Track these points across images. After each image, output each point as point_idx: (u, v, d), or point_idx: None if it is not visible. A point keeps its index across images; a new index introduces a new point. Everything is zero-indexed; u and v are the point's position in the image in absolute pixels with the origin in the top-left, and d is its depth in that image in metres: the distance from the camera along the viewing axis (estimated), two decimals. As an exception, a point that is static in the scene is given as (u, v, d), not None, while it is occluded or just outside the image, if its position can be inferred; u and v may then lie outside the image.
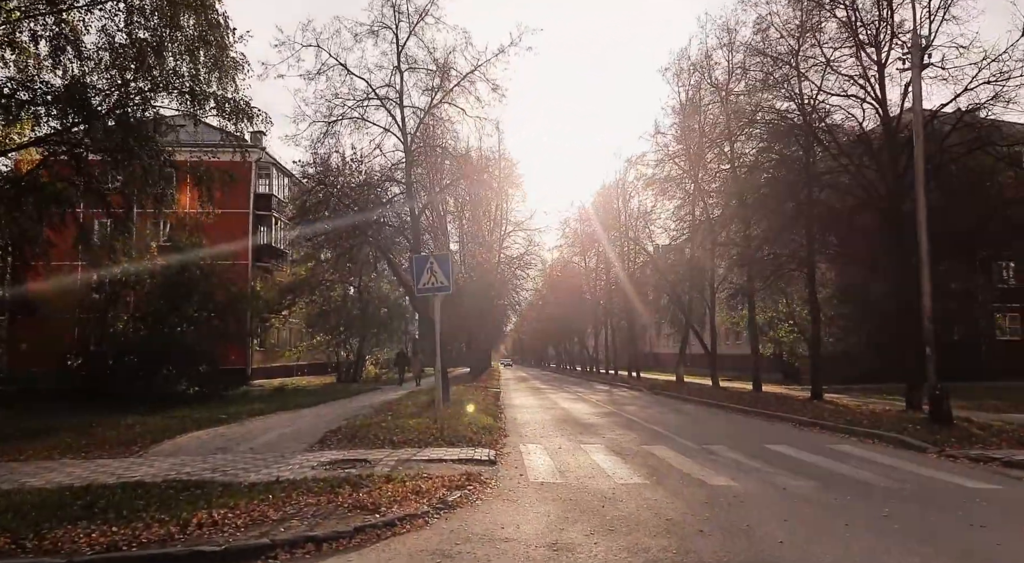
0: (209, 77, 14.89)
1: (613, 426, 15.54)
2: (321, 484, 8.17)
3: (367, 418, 15.77)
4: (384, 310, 41.62)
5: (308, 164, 21.92)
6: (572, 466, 9.86)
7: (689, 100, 28.97)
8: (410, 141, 21.16)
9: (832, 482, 8.51)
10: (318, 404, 21.41)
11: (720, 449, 11.55)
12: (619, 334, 53.36)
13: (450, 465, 9.60)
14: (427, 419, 14.79)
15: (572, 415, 18.61)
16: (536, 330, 79.77)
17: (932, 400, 12.76)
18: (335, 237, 22.48)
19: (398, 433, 12.65)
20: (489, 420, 15.47)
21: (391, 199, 21.48)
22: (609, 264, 46.13)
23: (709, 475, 9.02)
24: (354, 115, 21.03)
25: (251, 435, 13.56)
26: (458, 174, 22.32)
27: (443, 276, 12.49)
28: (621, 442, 12.59)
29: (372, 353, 43.53)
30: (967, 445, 10.95)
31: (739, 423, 16.13)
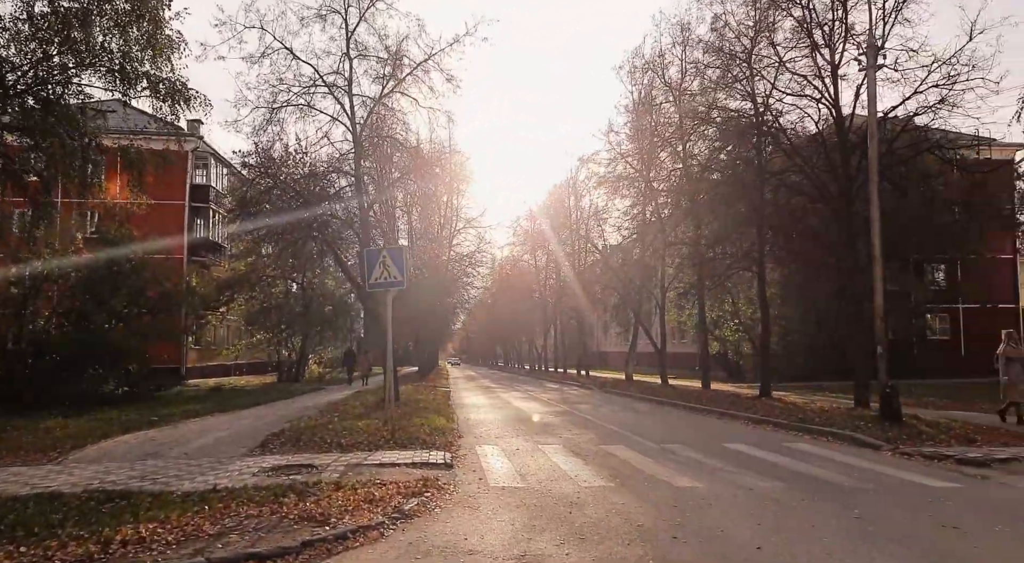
0: (142, 55, 13.90)
1: (568, 425, 15.19)
2: (263, 493, 7.51)
3: (312, 419, 15.03)
4: (329, 307, 40.40)
5: (249, 154, 20.93)
6: (532, 469, 9.42)
7: (642, 99, 28.95)
8: (359, 131, 20.44)
9: (797, 482, 8.30)
10: (258, 405, 20.46)
11: (679, 448, 11.30)
12: (568, 333, 53.35)
13: (404, 469, 9.04)
14: (377, 420, 14.17)
15: (526, 414, 18.20)
16: (485, 329, 79.34)
17: (883, 398, 12.85)
18: (278, 231, 21.55)
19: (346, 435, 12.01)
20: (442, 421, 14.92)
21: (339, 191, 20.68)
22: (559, 263, 45.98)
23: (673, 476, 8.72)
24: (300, 102, 20.26)
25: (185, 439, 12.68)
26: (409, 167, 21.66)
27: (396, 270, 11.89)
28: (579, 442, 12.23)
29: (316, 352, 42.29)
30: (919, 442, 10.98)
31: (693, 421, 16.00)
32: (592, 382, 34.88)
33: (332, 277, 41.65)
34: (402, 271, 11.93)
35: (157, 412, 17.40)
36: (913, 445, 10.78)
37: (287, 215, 20.45)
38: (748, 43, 18.96)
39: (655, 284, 31.17)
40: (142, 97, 14.05)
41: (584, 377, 40.69)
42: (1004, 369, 12.82)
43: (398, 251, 12.20)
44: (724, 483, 8.26)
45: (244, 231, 27.51)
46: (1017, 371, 12.66)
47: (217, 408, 18.90)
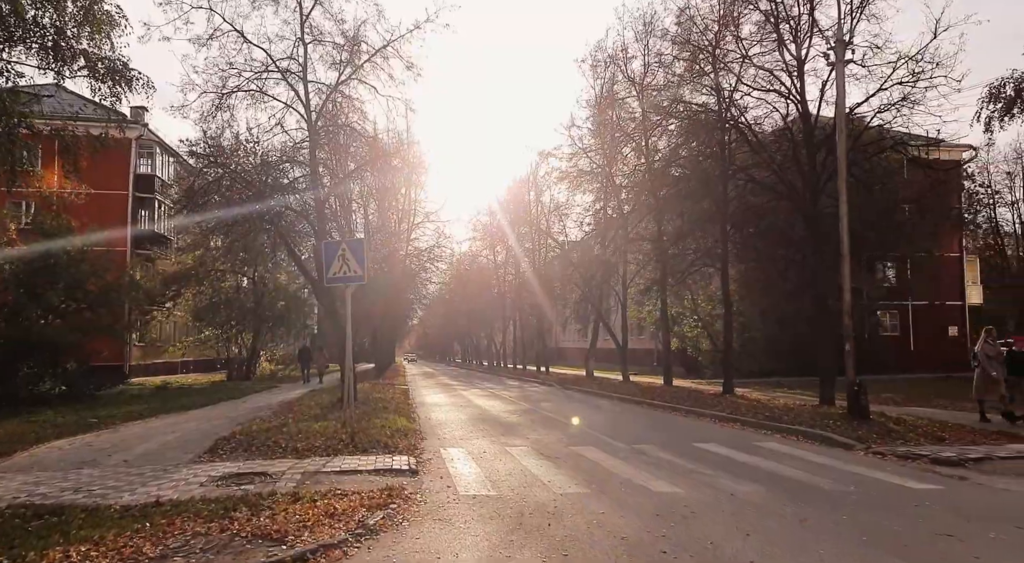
0: (78, 31, 12.87)
1: (534, 425, 14.76)
2: (212, 506, 6.87)
3: (265, 421, 14.27)
4: (281, 303, 39.17)
5: (197, 143, 19.86)
6: (502, 474, 8.94)
7: (604, 93, 28.64)
8: (315, 120, 19.59)
9: (776, 485, 8.01)
10: (207, 405, 19.49)
11: (650, 449, 10.97)
12: (527, 329, 52.97)
13: (367, 477, 8.46)
14: (334, 422, 13.51)
15: (489, 413, 17.71)
16: (442, 325, 78.45)
17: (851, 396, 12.75)
18: (228, 223, 20.58)
19: (302, 439, 11.34)
20: (403, 421, 14.32)
21: (292, 182, 19.80)
22: (518, 259, 45.60)
23: (649, 480, 8.34)
24: (251, 88, 19.28)
25: (126, 444, 11.83)
26: (367, 158, 20.87)
27: (356, 264, 11.25)
28: (547, 443, 11.80)
29: (268, 349, 41.01)
30: (890, 441, 10.87)
31: (660, 419, 15.74)
32: (552, 379, 34.59)
33: (285, 271, 40.44)
34: (362, 265, 11.30)
35: (96, 413, 16.38)
36: (884, 444, 10.66)
37: (238, 206, 19.52)
38: (713, 38, 18.77)
39: (617, 280, 30.95)
40: (79, 77, 12.98)
41: (544, 374, 40.41)
42: (986, 366, 12.80)
43: (358, 244, 11.56)
44: (703, 487, 7.92)
45: (192, 223, 26.40)
46: (995, 368, 12.65)
47: (162, 409, 17.93)
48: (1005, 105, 14.79)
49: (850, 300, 13.01)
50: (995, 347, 12.83)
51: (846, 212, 12.91)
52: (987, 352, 12.78)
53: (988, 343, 12.87)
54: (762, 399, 18.65)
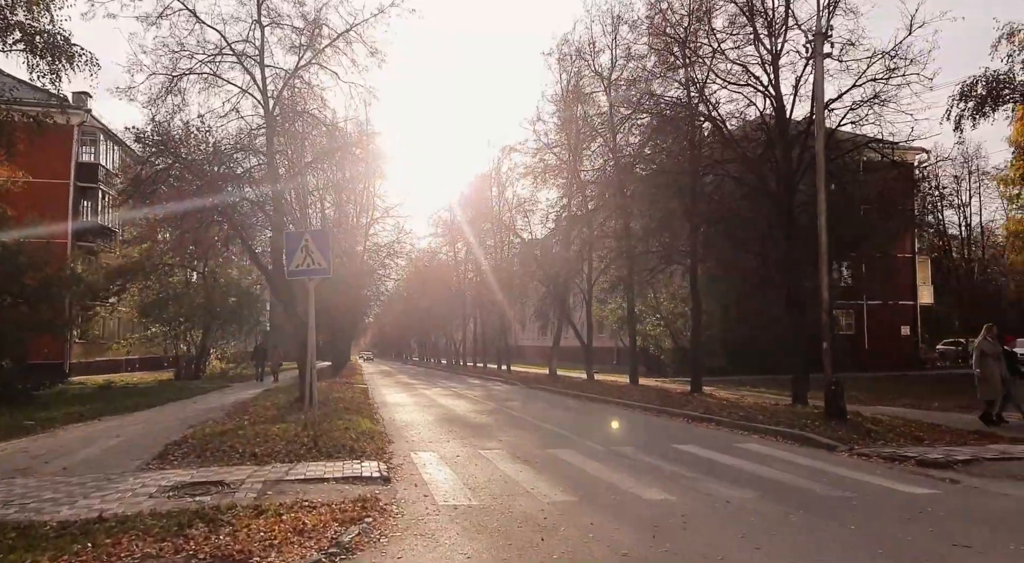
0: (14, 3, 11.86)
1: (504, 426, 14.23)
2: (164, 522, 6.16)
3: (219, 424, 13.41)
4: (233, 298, 37.79)
5: (144, 129, 18.69)
6: (481, 481, 8.37)
7: (571, 88, 28.24)
8: (272, 106, 18.66)
9: (769, 490, 7.64)
10: (155, 406, 18.44)
11: (629, 451, 10.56)
12: (488, 327, 52.38)
13: (336, 486, 7.80)
14: (294, 424, 12.74)
15: (455, 414, 17.11)
16: (400, 322, 77.22)
17: (828, 395, 12.54)
18: (177, 214, 19.47)
19: (261, 444, 10.58)
20: (367, 423, 13.63)
21: (248, 171, 18.83)
22: (478, 256, 45.01)
23: (638, 486, 7.89)
24: (204, 71, 18.25)
25: (65, 449, 10.89)
26: (328, 147, 20.00)
27: (321, 256, 10.54)
28: (522, 446, 11.28)
29: (218, 346, 39.54)
30: (871, 442, 10.65)
31: (632, 420, 15.37)
32: (515, 378, 34.11)
33: (237, 266, 39.06)
34: (327, 257, 10.60)
35: (33, 415, 15.23)
36: (866, 445, 10.44)
37: (188, 197, 18.48)
38: (684, 31, 18.48)
39: (582, 278, 30.61)
40: (15, 51, 12.00)
41: (506, 372, 39.94)
42: (978, 363, 12.36)
43: (323, 235, 10.83)
44: (695, 494, 7.49)
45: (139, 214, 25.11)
46: (991, 367, 12.18)
47: (106, 410, 16.83)
48: (976, 104, 14.83)
49: (828, 298, 12.82)
50: (994, 345, 12.35)
51: (825, 209, 12.72)
52: (984, 349, 12.33)
53: (988, 340, 12.42)
54: (731, 398, 18.48)
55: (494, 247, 44.51)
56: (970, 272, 51.53)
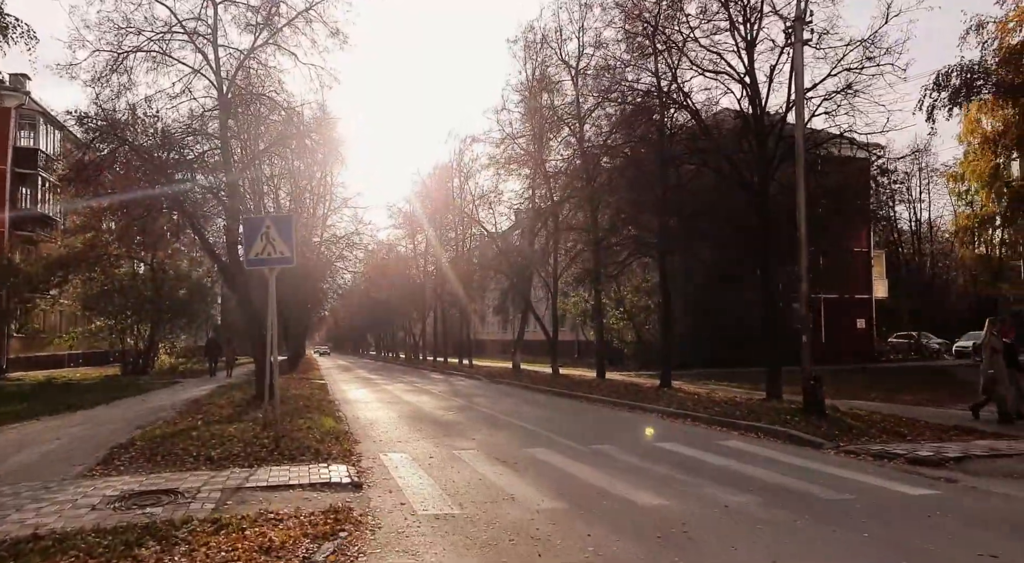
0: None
1: (476, 424, 13.65)
2: (110, 540, 5.45)
3: (170, 424, 12.53)
4: (183, 291, 36.32)
5: (87, 113, 17.47)
6: (460, 485, 7.80)
7: (537, 76, 27.69)
8: (226, 89, 17.66)
9: (767, 494, 7.25)
10: (99, 404, 17.33)
11: (611, 450, 10.11)
12: (449, 321, 51.63)
13: (303, 494, 7.13)
14: (252, 423, 11.99)
15: (422, 410, 16.47)
16: (356, 316, 75.79)
17: (806, 390, 12.30)
18: (124, 202, 18.33)
19: (217, 446, 9.80)
20: (330, 421, 12.93)
21: (201, 156, 17.81)
22: (438, 249, 44.25)
23: (629, 491, 7.41)
24: (153, 49, 17.16)
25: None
26: (286, 133, 19.01)
27: (283, 244, 9.79)
28: (497, 445, 10.73)
29: (167, 340, 37.97)
30: (856, 439, 10.39)
31: (606, 416, 14.97)
32: (479, 372, 33.52)
33: (187, 257, 37.56)
34: (291, 245, 9.86)
35: (-37, 417, 14.09)
36: (852, 442, 10.19)
37: (135, 184, 17.40)
38: (656, 18, 18.09)
39: (547, 271, 30.15)
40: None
41: (468, 367, 39.30)
42: (988, 362, 11.79)
43: (286, 221, 10.06)
44: (691, 499, 7.06)
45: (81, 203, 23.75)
46: (1000, 364, 11.60)
47: (45, 409, 15.72)
48: (951, 94, 14.76)
49: (808, 291, 12.58)
50: (999, 340, 11.75)
51: (804, 199, 12.48)
52: (993, 346, 11.72)
53: (993, 335, 11.82)
54: (701, 393, 18.25)
55: (455, 240, 43.78)
56: (921, 266, 52.86)
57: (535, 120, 28.12)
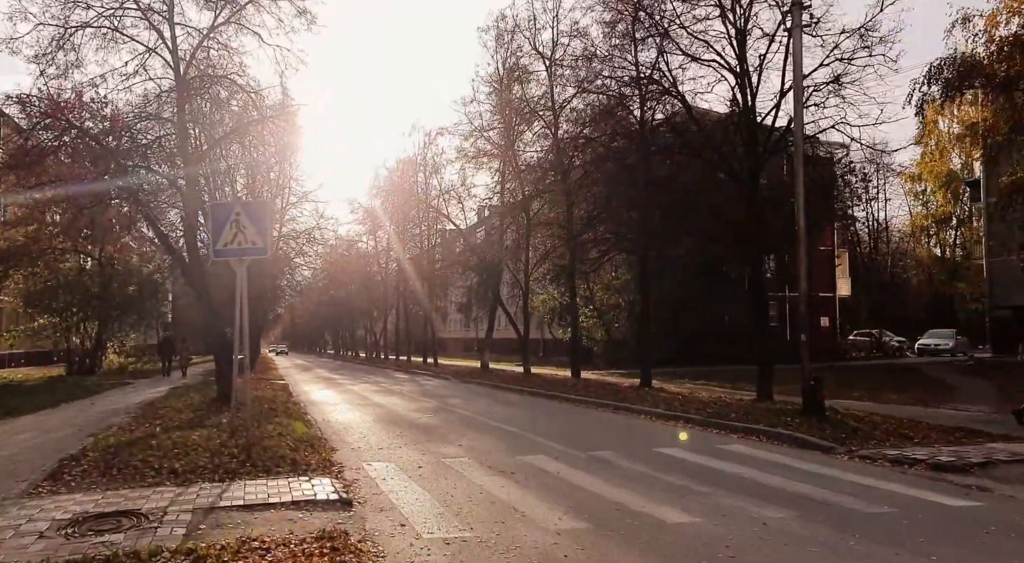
0: None
1: (457, 428, 12.86)
2: (61, 581, 4.52)
3: (126, 430, 11.42)
4: (132, 287, 34.53)
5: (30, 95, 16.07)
6: (461, 501, 7.03)
7: (509, 67, 26.95)
8: (184, 70, 16.48)
9: (800, 507, 6.68)
10: (44, 408, 15.96)
11: (611, 456, 9.46)
12: (412, 319, 50.52)
13: (287, 515, 6.27)
14: (216, 430, 11.00)
15: (396, 413, 15.59)
16: (314, 314, 73.89)
17: (806, 391, 11.82)
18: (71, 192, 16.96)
19: (182, 456, 8.82)
20: (300, 426, 12.02)
21: (158, 140, 16.61)
22: (405, 244, 43.21)
23: (650, 506, 6.74)
24: (103, 25, 15.90)
25: (-73, 469, 8.77)
26: (245, 119, 17.85)
27: (256, 233, 8.84)
28: (487, 452, 9.97)
29: (116, 339, 36.08)
30: (866, 443, 9.95)
31: (591, 418, 14.32)
32: (445, 372, 32.62)
33: (137, 251, 35.78)
34: (264, 234, 8.92)
35: None
36: (860, 445, 9.75)
37: (83, 172, 16.14)
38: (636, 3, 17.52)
39: (518, 267, 29.45)
40: None
41: (433, 366, 38.37)
42: None
43: (259, 208, 9.11)
44: (722, 515, 6.42)
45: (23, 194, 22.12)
46: None
47: (-18, 415, 14.36)
48: (943, 87, 14.48)
49: (807, 287, 12.12)
50: None
51: (803, 191, 12.01)
52: None
53: None
54: (684, 393, 17.77)
55: (419, 236, 42.78)
56: (882, 265, 53.77)
57: (506, 112, 27.38)
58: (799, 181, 12.05)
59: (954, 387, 18.97)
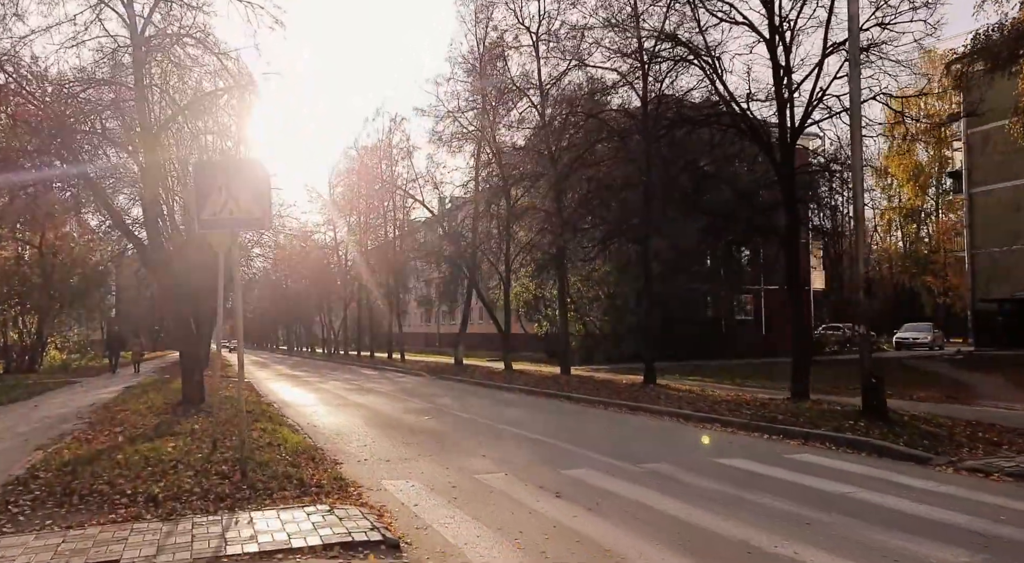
0: None
1: (465, 433, 11.33)
2: None
3: (82, 441, 9.57)
4: (76, 278, 31.90)
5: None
6: (536, 538, 5.52)
7: (491, 42, 25.28)
8: (142, 27, 14.45)
9: (975, 546, 5.38)
10: (-24, 413, 13.85)
11: (671, 470, 8.09)
12: (375, 312, 48.40)
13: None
14: (191, 439, 9.29)
15: (386, 415, 13.96)
16: (267, 308, 70.74)
17: (866, 390, 10.62)
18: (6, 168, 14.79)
19: (158, 476, 7.13)
20: (288, 433, 10.36)
21: (116, 101, 14.57)
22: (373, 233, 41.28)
23: (777, 542, 5.35)
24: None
25: None
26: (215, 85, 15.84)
27: (252, 200, 7.15)
28: (523, 467, 8.45)
29: (58, 334, 33.33)
30: (959, 451, 8.67)
31: (612, 419, 12.94)
32: (416, 367, 30.95)
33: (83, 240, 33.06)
34: (261, 201, 7.23)
35: None
36: (955, 455, 8.49)
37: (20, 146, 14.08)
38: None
39: (499, 258, 27.89)
40: None
41: (400, 362, 36.55)
42: None
43: (254, 169, 7.37)
44: (874, 555, 5.07)
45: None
46: None
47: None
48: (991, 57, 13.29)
49: (864, 272, 10.84)
50: None
51: (862, 165, 10.80)
52: None
53: None
54: (695, 390, 16.51)
55: (382, 226, 40.84)
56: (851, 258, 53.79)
57: (486, 91, 25.75)
58: (858, 152, 10.77)
59: (968, 383, 18.20)
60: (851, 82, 10.86)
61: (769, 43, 13.48)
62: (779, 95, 13.45)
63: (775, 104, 13.87)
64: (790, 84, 13.39)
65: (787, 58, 13.31)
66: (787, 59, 13.32)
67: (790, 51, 13.36)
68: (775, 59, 13.46)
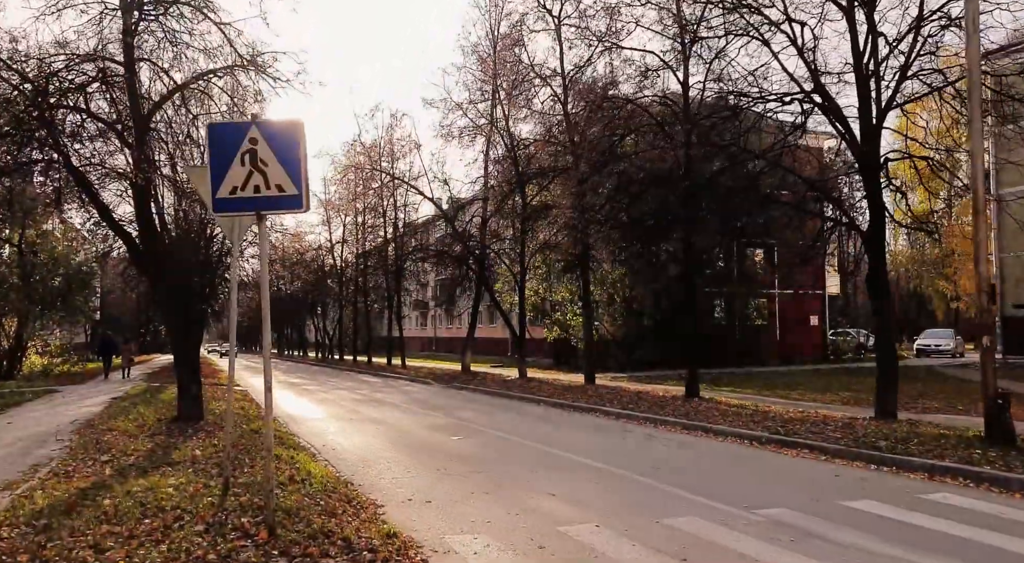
0: None
1: (512, 460, 9.69)
2: None
3: (61, 476, 7.80)
4: (58, 279, 30.00)
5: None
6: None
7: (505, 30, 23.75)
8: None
9: None
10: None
11: (797, 519, 6.49)
12: (371, 316, 46.67)
13: None
14: (192, 473, 7.60)
15: (409, 433, 12.30)
16: (253, 310, 68.63)
17: (990, 411, 9.07)
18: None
19: (159, 536, 5.43)
20: (308, 461, 8.71)
21: (102, 73, 12.81)
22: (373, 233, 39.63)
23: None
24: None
25: None
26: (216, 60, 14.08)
27: (283, 175, 5.50)
28: (612, 513, 6.82)
29: (38, 338, 31.37)
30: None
31: (676, 443, 11.24)
32: (422, 374, 29.24)
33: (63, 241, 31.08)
34: (297, 176, 5.56)
35: None
36: None
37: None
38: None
39: (514, 258, 26.27)
40: None
41: (401, 368, 34.81)
42: None
43: (289, 133, 5.69)
44: None
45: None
46: None
47: None
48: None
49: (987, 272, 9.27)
50: None
51: (983, 148, 9.23)
52: None
53: None
54: (747, 405, 14.87)
55: (383, 226, 39.18)
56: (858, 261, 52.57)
57: (501, 79, 24.19)
58: (977, 131, 9.12)
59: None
60: (968, 46, 9.27)
61: (846, 7, 11.89)
62: (859, 69, 11.85)
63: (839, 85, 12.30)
64: (875, 50, 11.77)
65: (870, 19, 11.69)
66: (870, 20, 11.69)
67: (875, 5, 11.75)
68: (853, 24, 11.88)
